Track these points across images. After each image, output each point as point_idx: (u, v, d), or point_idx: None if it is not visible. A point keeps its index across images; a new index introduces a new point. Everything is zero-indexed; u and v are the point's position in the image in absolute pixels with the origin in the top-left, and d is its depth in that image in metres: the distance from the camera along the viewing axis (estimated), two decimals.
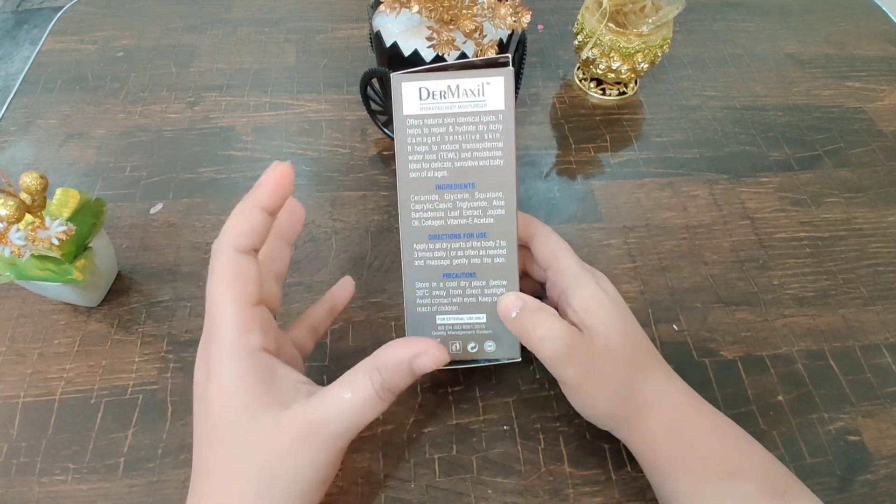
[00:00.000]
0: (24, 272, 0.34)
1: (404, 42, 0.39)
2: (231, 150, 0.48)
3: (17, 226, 0.32)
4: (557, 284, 0.30)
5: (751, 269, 0.42)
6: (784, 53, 0.58)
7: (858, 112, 0.53)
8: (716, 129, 0.51)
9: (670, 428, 0.28)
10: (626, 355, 0.29)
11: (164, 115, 0.51)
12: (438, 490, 0.32)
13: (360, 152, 0.48)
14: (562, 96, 0.54)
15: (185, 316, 0.38)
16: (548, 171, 0.48)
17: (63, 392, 0.35)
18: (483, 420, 0.34)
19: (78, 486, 0.32)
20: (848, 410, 0.35)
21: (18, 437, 0.33)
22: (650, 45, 0.48)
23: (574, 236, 0.43)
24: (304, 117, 0.51)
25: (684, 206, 0.45)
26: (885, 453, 0.34)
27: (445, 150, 0.29)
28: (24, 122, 0.50)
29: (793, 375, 0.36)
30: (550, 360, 0.28)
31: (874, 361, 0.37)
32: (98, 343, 0.37)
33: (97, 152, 0.48)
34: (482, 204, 0.29)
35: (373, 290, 0.40)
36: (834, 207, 0.45)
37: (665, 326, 0.39)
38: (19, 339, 0.37)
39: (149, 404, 0.35)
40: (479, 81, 0.29)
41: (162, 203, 0.44)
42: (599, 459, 0.33)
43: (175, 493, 0.32)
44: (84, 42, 0.58)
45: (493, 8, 0.37)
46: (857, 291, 0.40)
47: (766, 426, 0.34)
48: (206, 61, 0.56)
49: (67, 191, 0.36)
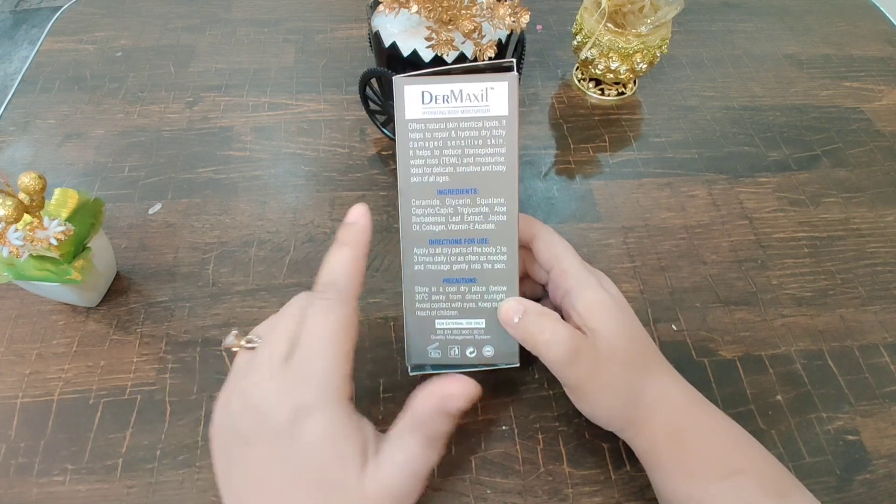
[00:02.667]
0: (22, 272, 0.34)
1: (403, 42, 0.39)
2: (230, 150, 0.48)
3: (15, 226, 0.31)
4: (560, 286, 0.30)
5: (749, 268, 0.42)
6: (782, 54, 0.58)
7: (857, 112, 0.53)
8: (714, 130, 0.51)
9: (673, 429, 0.28)
10: (630, 357, 0.29)
11: (162, 115, 0.51)
12: (437, 490, 0.32)
13: (358, 152, 0.48)
14: (561, 96, 0.54)
15: (184, 316, 0.38)
16: (547, 170, 0.48)
17: (61, 392, 0.35)
18: (482, 420, 0.34)
19: (76, 486, 0.32)
20: (846, 410, 0.35)
21: (17, 437, 0.33)
22: (649, 45, 0.48)
23: (573, 236, 0.43)
24: (303, 117, 0.51)
25: (683, 206, 0.45)
26: (883, 453, 0.34)
27: (448, 154, 0.29)
28: (22, 122, 0.50)
29: (791, 375, 0.37)
30: (555, 363, 0.28)
31: (872, 361, 0.37)
32: (96, 343, 0.37)
33: (96, 152, 0.48)
34: (484, 210, 0.29)
35: (372, 290, 0.40)
36: (832, 207, 0.46)
37: (664, 326, 0.39)
38: (17, 339, 0.37)
39: (147, 405, 0.35)
40: (483, 86, 0.28)
41: (160, 203, 0.44)
42: (598, 459, 0.33)
43: (173, 495, 0.32)
44: (83, 42, 0.57)
45: (492, 8, 0.37)
46: (856, 291, 0.41)
47: (765, 426, 0.34)
48: (205, 61, 0.56)
49: (66, 191, 0.36)
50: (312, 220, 0.44)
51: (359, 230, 0.27)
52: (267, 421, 0.23)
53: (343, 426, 0.23)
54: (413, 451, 0.24)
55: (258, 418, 0.24)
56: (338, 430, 0.23)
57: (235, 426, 0.24)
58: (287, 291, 0.40)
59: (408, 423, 0.25)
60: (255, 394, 0.24)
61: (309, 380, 0.23)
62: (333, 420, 0.23)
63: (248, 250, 0.42)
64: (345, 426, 0.23)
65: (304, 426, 0.23)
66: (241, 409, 0.24)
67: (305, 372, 0.24)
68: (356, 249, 0.26)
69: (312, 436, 0.23)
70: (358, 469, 0.23)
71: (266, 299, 0.39)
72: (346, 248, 0.26)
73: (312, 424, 0.23)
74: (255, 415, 0.24)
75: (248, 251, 0.42)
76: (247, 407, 0.24)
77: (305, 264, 0.41)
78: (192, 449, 0.33)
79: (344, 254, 0.26)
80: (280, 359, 0.24)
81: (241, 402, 0.24)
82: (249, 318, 0.38)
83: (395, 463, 0.24)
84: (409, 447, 0.24)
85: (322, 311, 0.24)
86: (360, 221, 0.27)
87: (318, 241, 0.42)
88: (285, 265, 0.41)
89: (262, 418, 0.23)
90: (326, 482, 0.23)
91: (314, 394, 0.23)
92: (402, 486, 0.24)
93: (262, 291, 0.40)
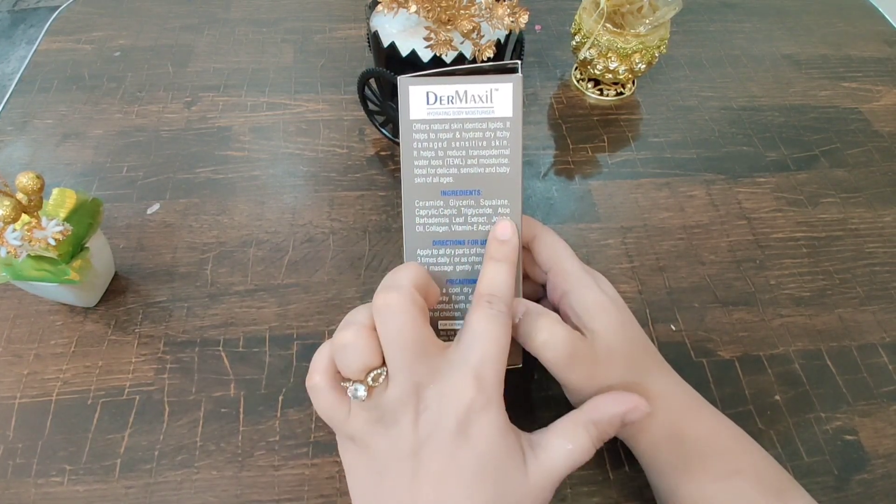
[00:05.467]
0: (20, 273, 0.34)
1: (402, 42, 0.39)
2: (228, 150, 0.48)
3: (13, 226, 0.31)
4: (558, 287, 0.30)
5: (748, 269, 0.42)
6: (781, 54, 0.58)
7: (855, 112, 0.53)
8: (713, 130, 0.51)
9: (671, 429, 0.28)
10: (629, 358, 0.29)
11: (161, 115, 0.51)
12: None
13: (357, 152, 0.48)
14: (559, 96, 0.54)
15: (182, 316, 0.38)
16: (546, 171, 0.48)
17: (59, 393, 0.35)
18: None
19: (74, 487, 0.32)
20: (845, 410, 0.35)
21: (15, 438, 0.33)
22: (647, 45, 0.48)
23: (572, 236, 0.43)
24: (302, 117, 0.51)
25: (682, 206, 0.45)
26: (881, 452, 0.34)
27: (452, 155, 0.29)
28: (20, 122, 0.50)
29: (790, 375, 0.37)
30: (553, 364, 0.28)
31: (870, 361, 0.37)
32: (95, 344, 0.37)
33: (94, 152, 0.48)
34: (487, 211, 0.29)
35: (371, 290, 0.40)
36: (830, 208, 0.46)
37: (663, 326, 0.39)
38: (15, 339, 0.37)
39: (145, 405, 0.35)
40: (488, 87, 0.28)
41: (159, 203, 0.44)
42: (597, 459, 0.33)
43: (171, 495, 0.31)
44: (81, 42, 0.57)
45: (491, 8, 0.37)
46: (854, 291, 0.41)
47: (763, 426, 0.34)
48: (204, 61, 0.56)
49: (64, 191, 0.36)
50: (311, 220, 0.44)
51: (512, 248, 0.28)
52: (437, 428, 0.24)
53: (508, 422, 0.25)
54: (583, 444, 0.25)
55: (428, 426, 0.24)
56: (506, 425, 0.25)
57: (397, 444, 0.25)
58: (285, 291, 0.40)
59: (583, 418, 0.26)
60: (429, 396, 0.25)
61: (485, 380, 0.24)
62: (502, 417, 0.25)
63: (246, 250, 0.42)
64: (508, 422, 0.25)
65: (477, 426, 0.24)
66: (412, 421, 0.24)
67: (482, 374, 0.24)
68: (512, 266, 0.27)
69: (486, 432, 0.24)
70: (522, 460, 0.25)
71: (264, 299, 0.39)
72: (503, 263, 0.27)
73: (486, 423, 0.24)
74: (424, 424, 0.24)
75: (246, 251, 0.42)
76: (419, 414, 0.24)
77: (304, 264, 0.41)
78: (191, 449, 0.33)
79: (503, 269, 0.27)
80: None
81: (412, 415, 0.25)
82: (248, 319, 0.38)
83: (563, 451, 0.25)
84: (581, 439, 0.25)
85: (493, 320, 0.26)
86: (511, 239, 0.28)
87: (316, 242, 0.42)
88: (284, 265, 0.41)
89: (431, 426, 0.24)
90: (501, 476, 0.24)
91: (485, 395, 0.24)
92: (560, 474, 0.25)
93: (261, 291, 0.40)
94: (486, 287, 0.27)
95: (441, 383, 0.24)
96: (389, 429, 0.24)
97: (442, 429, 0.24)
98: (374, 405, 0.25)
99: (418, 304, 0.25)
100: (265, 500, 0.32)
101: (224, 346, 0.37)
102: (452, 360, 0.25)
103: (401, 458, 0.24)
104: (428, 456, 0.24)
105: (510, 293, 0.27)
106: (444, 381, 0.24)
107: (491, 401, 0.24)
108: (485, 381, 0.24)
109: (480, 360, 0.25)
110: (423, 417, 0.24)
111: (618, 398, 0.27)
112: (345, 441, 0.27)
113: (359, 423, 0.25)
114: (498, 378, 0.25)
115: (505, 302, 0.26)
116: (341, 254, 0.42)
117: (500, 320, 0.26)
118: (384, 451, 0.25)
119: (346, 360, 0.25)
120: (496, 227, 0.28)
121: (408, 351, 0.24)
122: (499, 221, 0.29)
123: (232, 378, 0.36)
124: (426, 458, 0.24)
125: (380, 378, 0.25)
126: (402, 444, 0.24)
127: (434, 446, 0.24)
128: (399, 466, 0.24)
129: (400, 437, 0.24)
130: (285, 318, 0.38)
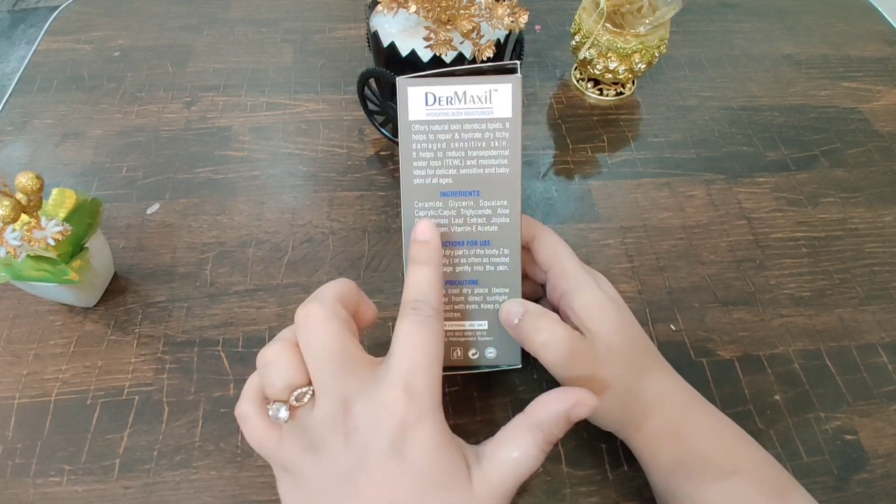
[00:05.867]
0: (19, 273, 0.34)
1: (402, 42, 0.39)
2: (228, 150, 0.48)
3: (12, 226, 0.31)
4: (558, 287, 0.30)
5: (748, 269, 0.42)
6: (781, 54, 0.58)
7: (855, 112, 0.53)
8: (713, 130, 0.51)
9: (671, 429, 0.28)
10: (628, 358, 0.29)
11: (160, 115, 0.51)
12: None
13: (357, 152, 0.48)
14: (559, 96, 0.54)
15: (182, 317, 0.38)
16: (545, 171, 0.48)
17: (59, 393, 0.35)
18: (480, 420, 0.34)
19: (73, 487, 0.32)
20: (844, 410, 0.35)
21: (14, 438, 0.33)
22: (647, 45, 0.48)
23: (572, 236, 0.43)
24: (302, 117, 0.51)
25: (681, 206, 0.45)
26: (881, 452, 0.34)
27: (451, 156, 0.29)
28: (20, 122, 0.50)
29: (789, 375, 0.37)
30: (553, 364, 0.28)
31: (870, 361, 0.37)
32: (94, 344, 0.37)
33: (93, 152, 0.48)
34: (487, 212, 0.29)
35: (370, 290, 0.40)
36: (830, 207, 0.46)
37: (662, 326, 0.39)
38: (15, 339, 0.37)
39: (145, 405, 0.35)
40: (487, 88, 0.28)
41: (158, 203, 0.44)
42: (596, 459, 0.33)
43: (170, 495, 0.31)
44: (80, 42, 0.57)
45: (491, 8, 0.37)
46: (853, 291, 0.41)
47: (763, 425, 0.34)
48: (203, 61, 0.56)
49: (64, 191, 0.36)
50: (311, 220, 0.44)
51: (434, 249, 0.27)
52: (370, 448, 0.22)
53: (447, 433, 0.24)
54: (529, 451, 0.24)
55: (359, 448, 0.23)
56: (444, 437, 0.23)
57: (328, 469, 0.23)
58: (285, 291, 0.40)
59: (526, 423, 0.25)
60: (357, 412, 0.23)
61: (416, 391, 0.23)
62: (439, 429, 0.23)
63: (246, 250, 0.42)
64: (448, 433, 0.24)
65: (412, 443, 0.22)
66: (342, 444, 0.23)
67: (412, 385, 0.23)
68: (436, 268, 0.27)
69: (422, 448, 0.22)
70: (466, 475, 0.23)
71: (264, 299, 0.39)
72: (426, 266, 0.27)
73: (421, 438, 0.23)
74: (355, 445, 0.23)
75: (246, 251, 0.42)
76: (348, 439, 0.23)
77: (303, 264, 0.41)
78: (190, 450, 0.33)
79: (427, 272, 0.26)
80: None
81: (342, 438, 0.23)
82: (247, 319, 0.38)
83: (508, 461, 0.24)
84: (526, 446, 0.24)
85: (420, 326, 0.24)
86: (432, 240, 0.27)
87: (316, 242, 0.42)
88: (283, 265, 0.41)
89: (363, 447, 0.22)
90: (443, 494, 0.22)
91: (418, 407, 0.23)
92: (509, 486, 0.23)
93: (261, 292, 0.40)
94: (411, 293, 0.26)
95: (369, 399, 0.23)
96: (320, 454, 0.23)
97: (374, 449, 0.22)
98: (303, 428, 0.23)
99: (340, 317, 0.24)
100: (263, 500, 0.32)
101: (223, 346, 0.37)
102: (380, 373, 0.23)
103: (334, 484, 0.22)
104: (363, 480, 0.22)
105: (436, 296, 0.26)
106: (372, 397, 0.23)
107: (424, 414, 0.23)
108: (416, 393, 0.23)
109: (410, 370, 0.23)
110: (353, 438, 0.22)
111: (560, 395, 0.25)
112: (279, 471, 0.25)
113: (289, 450, 0.24)
114: (430, 388, 0.23)
115: (431, 306, 0.25)
116: (341, 254, 0.42)
117: (427, 326, 0.24)
118: (317, 478, 0.23)
119: (269, 379, 0.24)
120: (416, 228, 0.28)
121: (332, 363, 0.23)
122: (419, 223, 0.28)
123: (231, 378, 0.36)
124: (361, 483, 0.22)
125: (304, 397, 0.23)
126: (334, 469, 0.22)
127: (368, 469, 0.22)
128: (333, 494, 0.22)
129: (331, 462, 0.22)
130: (285, 319, 0.38)
